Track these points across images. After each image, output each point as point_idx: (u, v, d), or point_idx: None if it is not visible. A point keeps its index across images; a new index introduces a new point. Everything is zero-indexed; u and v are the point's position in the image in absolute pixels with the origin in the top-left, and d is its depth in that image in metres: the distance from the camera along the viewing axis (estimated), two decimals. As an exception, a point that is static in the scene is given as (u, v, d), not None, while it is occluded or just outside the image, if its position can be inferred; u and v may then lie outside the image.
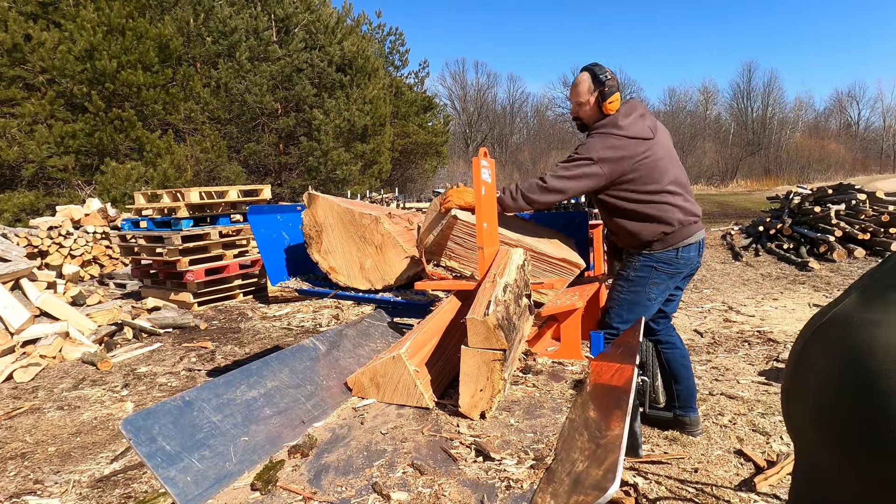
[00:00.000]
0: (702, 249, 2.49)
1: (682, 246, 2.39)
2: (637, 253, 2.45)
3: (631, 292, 2.44)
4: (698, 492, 2.22)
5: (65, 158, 11.96)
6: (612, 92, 2.36)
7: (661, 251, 2.39)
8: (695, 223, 2.42)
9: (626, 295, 2.46)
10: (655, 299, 2.46)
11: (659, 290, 2.45)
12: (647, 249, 2.41)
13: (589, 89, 2.40)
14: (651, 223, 2.36)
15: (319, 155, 16.88)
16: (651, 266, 2.41)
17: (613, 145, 2.29)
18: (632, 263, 2.46)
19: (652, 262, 2.41)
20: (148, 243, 6.24)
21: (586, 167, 2.29)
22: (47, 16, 12.05)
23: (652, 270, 2.41)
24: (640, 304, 2.44)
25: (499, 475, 1.32)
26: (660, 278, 2.42)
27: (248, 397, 1.59)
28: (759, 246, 8.82)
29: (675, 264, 2.41)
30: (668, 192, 2.37)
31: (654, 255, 2.40)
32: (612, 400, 1.50)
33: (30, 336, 4.35)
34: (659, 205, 2.35)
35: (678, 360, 2.62)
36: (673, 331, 2.67)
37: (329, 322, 5.50)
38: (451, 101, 46.69)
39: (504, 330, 1.65)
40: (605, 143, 2.31)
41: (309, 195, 2.80)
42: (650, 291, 2.43)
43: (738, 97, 50.56)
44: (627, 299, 2.45)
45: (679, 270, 2.44)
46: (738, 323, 4.90)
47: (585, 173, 2.30)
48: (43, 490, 2.50)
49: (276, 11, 16.90)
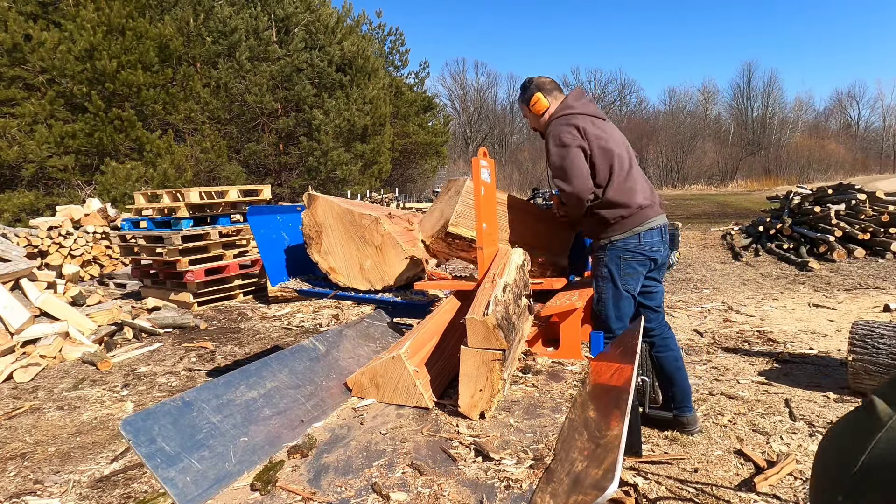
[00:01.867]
0: (665, 237, 2.51)
1: (643, 231, 2.41)
2: (601, 248, 2.47)
3: (610, 289, 2.45)
4: (698, 492, 2.22)
5: (65, 158, 11.96)
6: (532, 93, 2.54)
7: (623, 238, 2.40)
8: (652, 207, 2.45)
9: (606, 293, 2.46)
10: (634, 290, 2.48)
11: (634, 280, 2.46)
12: (608, 239, 2.42)
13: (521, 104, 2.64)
14: (611, 208, 2.39)
15: (319, 155, 16.88)
16: (618, 257, 2.42)
17: (564, 123, 2.40)
18: (600, 260, 2.48)
19: (617, 253, 2.42)
20: (148, 243, 6.24)
21: (569, 150, 2.35)
22: (47, 16, 12.05)
23: (620, 261, 2.42)
24: (623, 299, 2.45)
25: (498, 475, 1.32)
26: (630, 268, 2.43)
27: (247, 398, 1.59)
28: (759, 246, 8.82)
29: (640, 250, 2.42)
30: (628, 175, 2.41)
31: (616, 243, 2.41)
32: (611, 400, 1.50)
33: (30, 336, 4.35)
34: (618, 187, 2.38)
35: (672, 363, 2.62)
36: (668, 330, 2.66)
37: (329, 322, 5.50)
38: (451, 101, 46.81)
39: (503, 330, 1.65)
40: (560, 126, 2.40)
41: (309, 195, 2.80)
42: (626, 283, 2.44)
43: (738, 97, 50.66)
44: (610, 296, 2.45)
45: (645, 256, 2.44)
46: (738, 323, 4.90)
47: (573, 155, 2.35)
48: (43, 490, 2.50)
49: (276, 11, 16.90)
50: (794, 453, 2.47)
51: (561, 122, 2.41)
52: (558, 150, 2.37)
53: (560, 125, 2.40)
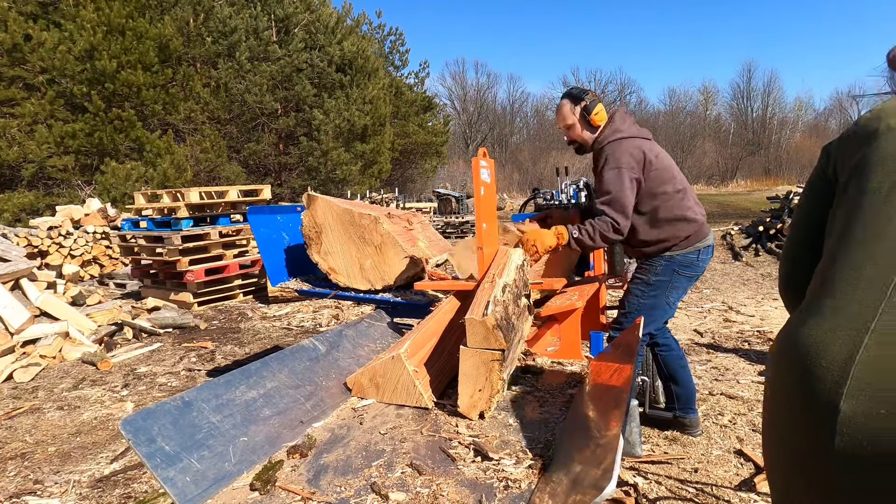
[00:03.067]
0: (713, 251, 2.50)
1: (703, 247, 2.40)
2: (657, 255, 2.42)
3: (651, 297, 2.41)
4: (698, 492, 2.22)
5: (65, 158, 11.96)
6: (595, 104, 2.43)
7: (683, 253, 2.37)
8: (706, 224, 2.45)
9: (645, 300, 2.43)
10: (673, 304, 2.45)
11: (677, 294, 2.43)
12: (669, 252, 2.39)
13: (571, 110, 2.48)
14: (672, 224, 2.36)
15: (319, 155, 16.88)
16: (673, 270, 2.39)
17: (628, 149, 2.32)
18: (652, 267, 2.43)
19: (674, 266, 2.39)
20: (148, 243, 6.24)
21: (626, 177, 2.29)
22: (47, 16, 12.05)
23: (674, 274, 2.39)
24: (659, 309, 2.42)
25: (497, 475, 1.32)
26: (680, 282, 2.40)
27: (247, 398, 1.59)
28: (759, 246, 8.82)
29: (695, 267, 2.41)
30: (682, 191, 2.39)
31: (676, 257, 2.38)
32: (610, 400, 1.50)
33: (30, 336, 4.35)
34: (678, 204, 2.36)
35: (675, 362, 2.61)
36: (668, 332, 2.66)
37: (329, 322, 5.50)
38: (451, 101, 46.72)
39: (503, 330, 1.65)
40: (621, 150, 2.32)
41: (308, 196, 2.80)
42: (669, 295, 2.41)
43: (738, 97, 50.61)
44: (647, 304, 2.42)
45: (697, 273, 2.43)
46: (738, 323, 4.90)
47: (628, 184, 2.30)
48: (43, 490, 2.50)
49: (276, 11, 16.90)
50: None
51: (627, 146, 2.33)
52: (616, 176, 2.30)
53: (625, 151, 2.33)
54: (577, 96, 2.48)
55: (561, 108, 2.52)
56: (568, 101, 2.50)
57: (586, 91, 2.48)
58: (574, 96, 2.49)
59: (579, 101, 2.46)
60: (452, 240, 12.72)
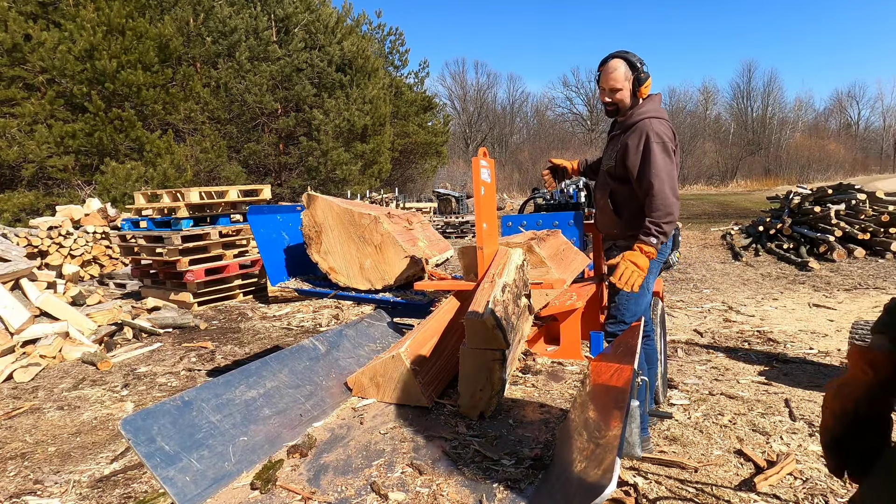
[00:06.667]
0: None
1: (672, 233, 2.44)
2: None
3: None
4: (698, 492, 2.22)
5: (65, 158, 11.96)
6: (648, 77, 2.41)
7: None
8: None
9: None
10: (651, 288, 2.50)
11: (653, 279, 2.48)
12: None
13: (626, 75, 2.42)
14: None
15: (319, 155, 16.88)
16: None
17: (669, 128, 2.38)
18: None
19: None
20: (148, 243, 6.24)
21: (671, 152, 2.34)
22: (47, 16, 12.05)
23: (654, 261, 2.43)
24: (644, 296, 2.46)
25: (497, 475, 1.32)
26: (655, 267, 2.45)
27: (247, 397, 1.59)
28: (759, 246, 8.82)
29: (664, 253, 2.46)
30: None
31: None
32: (611, 400, 1.50)
33: (30, 336, 4.35)
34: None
35: (651, 355, 2.62)
36: (650, 323, 2.67)
37: (329, 322, 5.50)
38: (451, 101, 46.72)
39: (503, 330, 1.65)
40: (665, 127, 2.37)
41: (308, 196, 2.80)
42: (648, 282, 2.45)
43: (738, 97, 50.61)
44: (635, 293, 2.44)
45: (665, 258, 2.50)
46: (738, 323, 4.90)
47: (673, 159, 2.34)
48: (43, 490, 2.50)
49: (276, 11, 16.90)
50: (794, 453, 2.47)
51: (666, 127, 2.38)
52: (664, 157, 2.31)
53: (667, 131, 2.37)
54: (634, 64, 2.42)
55: (614, 70, 2.43)
56: (624, 65, 2.42)
57: (642, 61, 2.45)
58: (631, 63, 2.42)
59: (635, 70, 2.41)
60: (452, 240, 12.72)
